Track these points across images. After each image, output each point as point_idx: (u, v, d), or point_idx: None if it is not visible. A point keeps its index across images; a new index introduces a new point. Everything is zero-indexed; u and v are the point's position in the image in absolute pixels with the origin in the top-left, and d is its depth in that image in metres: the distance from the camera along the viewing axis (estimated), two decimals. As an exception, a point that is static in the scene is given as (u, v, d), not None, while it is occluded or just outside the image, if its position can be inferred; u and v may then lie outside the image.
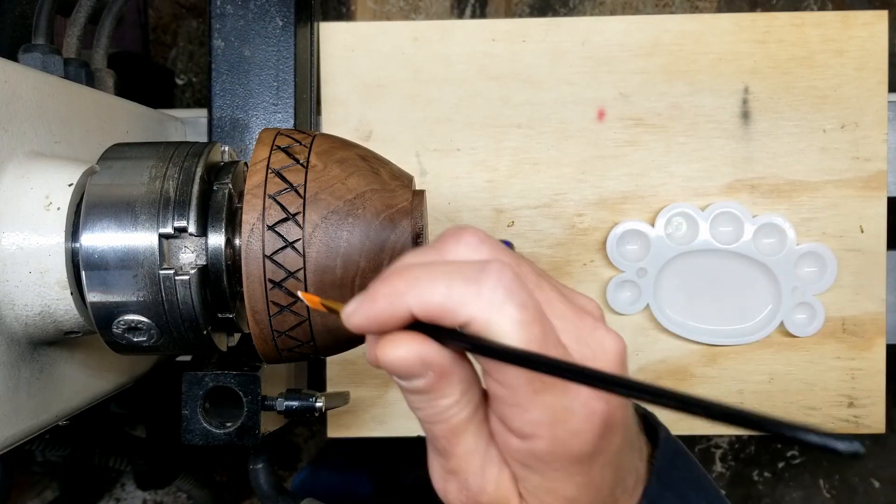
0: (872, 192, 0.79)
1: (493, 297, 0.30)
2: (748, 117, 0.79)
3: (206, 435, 0.63)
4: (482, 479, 0.34)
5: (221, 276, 0.47)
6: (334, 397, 0.72)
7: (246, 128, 0.73)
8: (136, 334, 0.47)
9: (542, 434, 0.32)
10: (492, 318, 0.30)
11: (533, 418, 0.32)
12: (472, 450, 0.34)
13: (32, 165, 0.49)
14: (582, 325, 0.34)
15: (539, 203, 0.80)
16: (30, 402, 0.50)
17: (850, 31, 0.78)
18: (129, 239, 0.46)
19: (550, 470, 0.33)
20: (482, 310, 0.30)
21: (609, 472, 0.35)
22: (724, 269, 0.78)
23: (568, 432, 0.32)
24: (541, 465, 0.33)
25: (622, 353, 0.34)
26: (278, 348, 0.46)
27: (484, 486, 0.34)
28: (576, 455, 0.33)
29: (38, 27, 0.65)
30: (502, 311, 0.30)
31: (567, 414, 0.32)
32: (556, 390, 0.31)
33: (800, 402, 0.80)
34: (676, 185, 0.79)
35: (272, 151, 0.45)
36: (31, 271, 0.47)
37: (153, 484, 1.12)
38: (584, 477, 0.33)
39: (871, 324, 0.80)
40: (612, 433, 0.34)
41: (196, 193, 0.47)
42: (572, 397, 0.32)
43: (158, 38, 1.37)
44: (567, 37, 0.79)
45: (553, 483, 0.34)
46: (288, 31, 0.73)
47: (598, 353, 0.33)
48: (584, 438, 0.32)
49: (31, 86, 0.51)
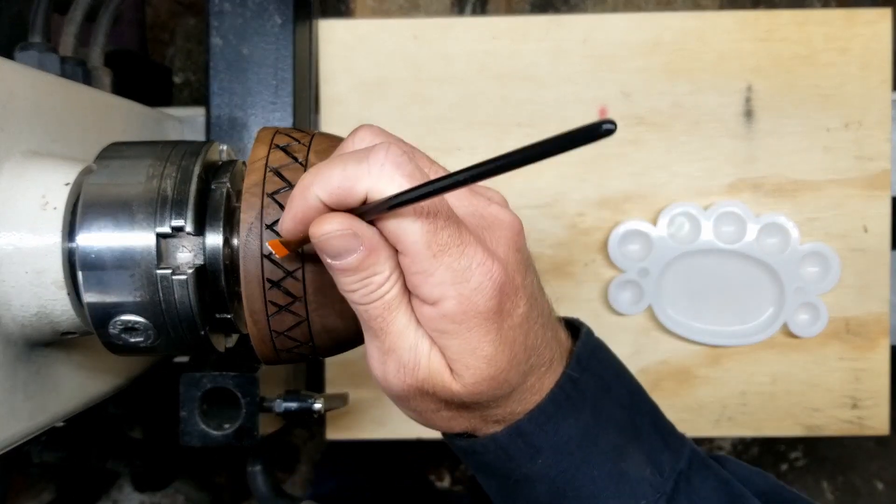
0: (876, 192, 0.78)
1: (382, 170, 0.34)
2: (751, 116, 0.78)
3: (203, 436, 0.62)
4: (416, 355, 0.38)
5: (219, 276, 0.47)
6: (333, 398, 0.72)
7: (244, 126, 0.72)
8: (133, 335, 0.47)
9: (448, 294, 0.36)
10: (384, 188, 0.34)
11: (437, 280, 0.35)
12: (405, 327, 0.38)
13: (29, 165, 0.48)
14: (477, 202, 0.38)
15: (540, 202, 0.79)
16: (26, 403, 0.50)
17: (854, 29, 0.78)
18: (125, 238, 0.45)
19: (465, 330, 0.37)
20: (374, 183, 0.34)
21: (520, 334, 0.38)
22: (726, 270, 0.78)
23: (470, 289, 0.36)
24: (455, 327, 0.37)
25: (516, 225, 0.38)
26: (276, 349, 0.45)
27: (418, 361, 0.38)
28: (482, 311, 0.36)
29: (35, 25, 0.64)
30: (392, 182, 0.33)
31: (467, 272, 0.35)
32: (453, 251, 0.35)
33: (803, 404, 0.80)
34: (679, 184, 0.79)
35: (270, 150, 0.45)
36: (28, 271, 0.46)
37: (151, 486, 1.11)
38: (495, 334, 0.37)
39: (875, 324, 0.79)
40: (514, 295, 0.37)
41: (194, 192, 0.46)
42: (469, 257, 0.35)
43: (156, 36, 1.36)
44: (568, 35, 0.79)
45: (470, 343, 0.37)
46: (287, 29, 0.72)
47: (493, 223, 0.37)
48: (487, 294, 0.36)
49: (27, 84, 0.50)
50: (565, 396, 0.42)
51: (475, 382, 0.38)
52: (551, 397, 0.42)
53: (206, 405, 0.63)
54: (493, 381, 0.38)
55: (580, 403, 0.43)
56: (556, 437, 0.42)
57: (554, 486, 0.43)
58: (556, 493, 0.43)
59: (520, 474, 0.43)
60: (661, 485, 0.44)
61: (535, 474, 0.43)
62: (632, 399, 0.46)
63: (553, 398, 0.42)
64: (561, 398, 0.42)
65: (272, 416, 0.66)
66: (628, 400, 0.45)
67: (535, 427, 0.42)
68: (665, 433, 0.46)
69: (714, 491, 0.45)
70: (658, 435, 0.46)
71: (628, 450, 0.44)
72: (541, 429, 0.42)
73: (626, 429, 0.44)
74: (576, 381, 0.43)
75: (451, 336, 0.37)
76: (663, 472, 0.44)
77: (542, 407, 0.42)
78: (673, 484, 0.44)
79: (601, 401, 0.44)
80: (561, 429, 0.42)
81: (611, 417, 0.44)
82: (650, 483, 0.44)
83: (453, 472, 1.42)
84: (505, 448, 0.42)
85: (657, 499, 0.43)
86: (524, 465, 0.43)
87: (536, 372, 0.41)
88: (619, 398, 0.45)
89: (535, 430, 0.42)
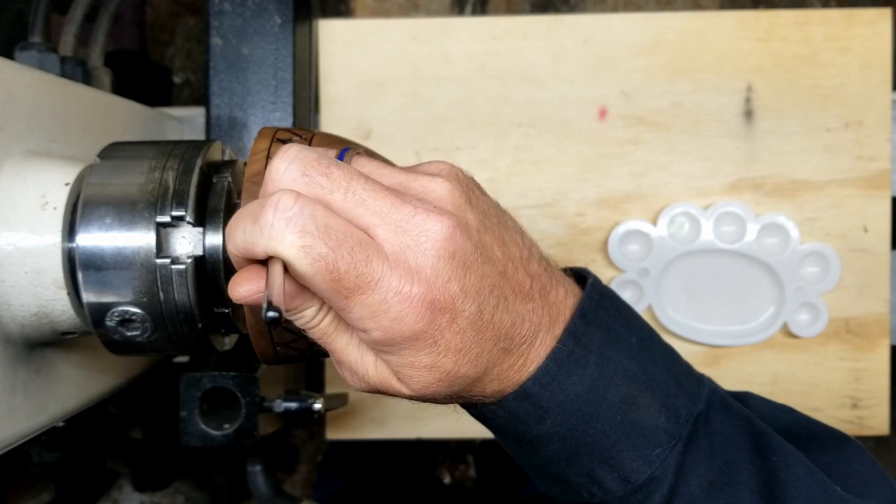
0: (876, 192, 0.78)
1: (273, 231, 0.34)
2: (751, 116, 0.78)
3: (203, 437, 0.62)
4: (363, 367, 0.40)
5: (218, 269, 0.47)
6: (333, 399, 0.72)
7: (244, 126, 0.72)
8: (130, 327, 0.47)
9: (370, 327, 0.37)
10: (277, 249, 0.35)
11: (356, 316, 0.37)
12: (347, 345, 0.40)
13: (28, 165, 0.48)
14: (399, 216, 0.37)
15: (540, 202, 0.79)
16: (26, 403, 0.50)
17: (854, 28, 0.78)
18: (125, 234, 0.45)
19: (398, 350, 0.38)
20: (267, 244, 0.35)
21: (470, 334, 0.39)
22: (726, 270, 0.78)
23: (391, 321, 0.36)
24: (388, 348, 0.38)
25: (444, 232, 0.37)
26: (274, 343, 0.45)
27: (366, 371, 0.40)
28: (409, 336, 0.37)
29: (35, 25, 0.64)
30: (284, 241, 0.34)
31: (384, 306, 0.36)
32: (364, 289, 0.36)
33: (803, 404, 0.80)
34: (679, 184, 0.79)
35: (272, 143, 0.45)
36: (28, 271, 0.47)
37: (151, 486, 1.11)
38: (432, 348, 0.38)
39: (875, 324, 0.79)
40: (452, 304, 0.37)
41: (195, 183, 0.46)
42: (384, 289, 0.36)
43: (156, 36, 1.36)
44: (568, 34, 0.79)
45: (407, 359, 0.38)
46: (286, 29, 0.72)
47: (419, 237, 0.37)
48: (410, 321, 0.37)
49: (27, 84, 0.50)
50: (567, 353, 0.42)
51: (422, 387, 0.40)
52: (553, 356, 0.42)
53: (206, 405, 0.63)
54: (441, 382, 0.40)
55: (585, 359, 0.43)
56: (562, 395, 0.42)
57: (566, 443, 0.43)
58: (569, 450, 0.44)
59: (531, 436, 0.44)
60: (677, 430, 0.44)
61: (545, 434, 0.43)
62: (642, 346, 0.46)
63: (555, 357, 0.42)
64: (563, 356, 0.42)
65: (272, 416, 0.66)
66: (638, 348, 0.45)
67: (539, 388, 0.42)
68: (680, 377, 0.46)
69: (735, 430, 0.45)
70: (672, 380, 0.45)
71: (640, 399, 0.44)
72: (545, 389, 0.42)
73: (636, 378, 0.44)
74: (579, 336, 0.43)
75: (387, 354, 0.39)
76: (679, 418, 0.44)
77: (545, 367, 0.42)
78: (690, 428, 0.44)
79: (608, 353, 0.43)
80: (566, 387, 0.42)
81: (619, 368, 0.43)
82: (664, 430, 0.44)
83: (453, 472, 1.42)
84: (513, 412, 0.43)
85: (673, 444, 0.43)
86: (534, 427, 0.43)
87: (515, 351, 0.42)
88: (628, 348, 0.45)
89: (540, 391, 0.42)
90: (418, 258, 0.37)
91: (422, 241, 0.37)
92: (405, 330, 0.37)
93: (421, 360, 0.38)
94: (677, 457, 0.43)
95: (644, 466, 0.43)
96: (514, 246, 0.42)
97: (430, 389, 0.40)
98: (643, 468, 0.43)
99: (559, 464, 0.45)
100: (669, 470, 0.43)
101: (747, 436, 0.45)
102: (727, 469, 0.44)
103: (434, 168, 0.41)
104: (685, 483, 0.43)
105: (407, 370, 0.39)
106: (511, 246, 0.42)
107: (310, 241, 0.34)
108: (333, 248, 0.35)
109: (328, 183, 0.36)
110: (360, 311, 0.36)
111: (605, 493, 0.44)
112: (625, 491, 0.44)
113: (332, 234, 0.35)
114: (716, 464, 0.44)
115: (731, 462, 0.44)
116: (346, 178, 0.37)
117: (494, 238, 0.41)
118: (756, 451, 0.44)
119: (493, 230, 0.41)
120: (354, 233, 0.36)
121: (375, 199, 0.37)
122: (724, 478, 0.44)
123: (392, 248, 0.36)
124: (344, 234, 0.35)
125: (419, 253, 0.37)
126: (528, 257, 0.43)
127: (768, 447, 0.45)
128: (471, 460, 1.37)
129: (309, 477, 1.43)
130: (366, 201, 0.37)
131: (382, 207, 0.37)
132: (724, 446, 0.44)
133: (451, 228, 0.37)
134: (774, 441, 0.45)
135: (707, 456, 0.44)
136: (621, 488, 0.44)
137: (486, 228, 0.40)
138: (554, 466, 0.45)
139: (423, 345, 0.38)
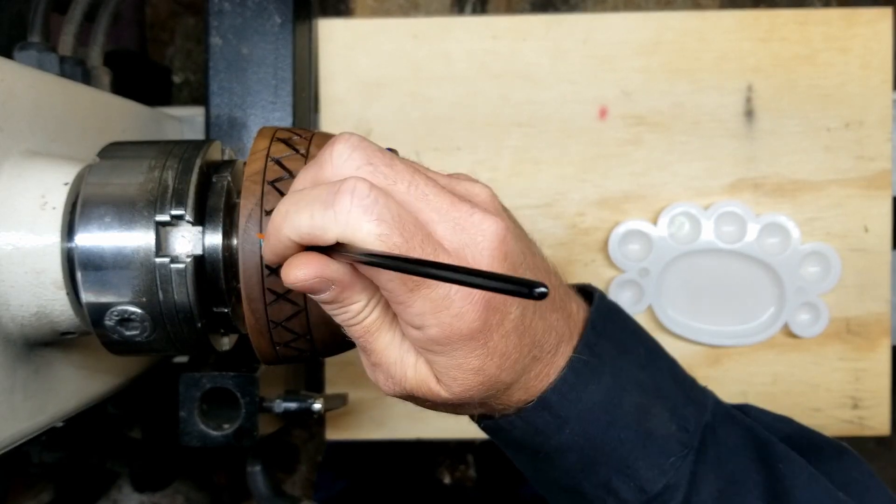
0: (877, 192, 0.78)
1: (349, 217, 0.34)
2: (751, 116, 0.78)
3: (203, 437, 0.62)
4: (402, 368, 0.40)
5: (218, 268, 0.47)
6: (333, 399, 0.72)
7: (244, 126, 0.72)
8: (129, 326, 0.47)
9: (429, 323, 0.36)
10: (353, 236, 0.34)
11: (417, 311, 0.36)
12: (388, 344, 0.40)
13: (28, 164, 0.48)
14: (458, 213, 0.37)
15: (540, 202, 0.79)
16: (26, 403, 0.50)
17: (854, 28, 0.78)
18: (124, 234, 0.45)
19: (450, 350, 0.37)
20: (343, 230, 0.34)
21: (514, 337, 0.39)
22: (727, 270, 0.78)
23: (452, 317, 0.36)
24: (441, 348, 0.37)
25: (499, 233, 0.37)
26: (274, 342, 0.45)
27: (405, 373, 0.40)
28: (466, 334, 0.37)
29: (34, 25, 0.64)
30: (360, 229, 0.34)
31: (446, 301, 0.36)
32: (431, 283, 0.35)
33: (804, 404, 0.80)
34: (679, 184, 0.79)
35: (272, 142, 0.45)
36: (27, 271, 0.46)
37: (150, 486, 1.11)
38: (483, 349, 0.38)
39: (876, 324, 0.79)
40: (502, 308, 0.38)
41: (195, 182, 0.46)
42: (448, 285, 0.35)
43: (156, 36, 1.36)
44: (568, 34, 0.79)
45: (457, 360, 0.38)
46: (286, 29, 0.72)
47: (476, 236, 0.37)
48: (469, 318, 0.36)
49: (26, 84, 0.50)
50: (584, 363, 0.43)
51: (463, 391, 0.39)
52: (570, 366, 0.42)
53: (206, 405, 0.63)
54: (482, 385, 0.39)
55: (599, 368, 0.43)
56: (581, 404, 0.42)
57: (583, 454, 0.43)
58: (587, 460, 0.44)
59: (549, 447, 0.44)
60: (689, 440, 0.44)
61: (564, 445, 0.43)
62: (650, 357, 0.46)
63: (572, 367, 0.42)
64: (580, 366, 0.43)
65: (272, 417, 0.65)
66: (646, 359, 0.46)
67: (559, 397, 0.42)
68: (686, 388, 0.47)
69: (740, 440, 0.46)
70: (680, 390, 0.46)
71: (652, 409, 0.44)
72: (565, 398, 0.42)
73: (647, 388, 0.44)
74: (592, 347, 0.43)
75: (437, 354, 0.38)
76: (689, 427, 0.44)
77: (563, 377, 0.42)
78: (700, 437, 0.44)
79: (620, 363, 0.44)
80: (584, 395, 0.43)
81: (631, 378, 0.44)
82: (677, 439, 0.44)
83: (453, 472, 1.42)
84: (532, 422, 0.43)
85: (686, 454, 0.44)
86: (553, 437, 0.43)
87: (542, 360, 0.42)
88: (637, 358, 0.45)
89: (560, 400, 0.42)
90: (475, 256, 0.37)
91: (479, 241, 0.37)
92: (464, 327, 0.37)
93: (470, 363, 0.38)
94: (690, 466, 0.44)
95: (659, 476, 0.44)
96: (538, 256, 0.43)
97: (469, 393, 0.39)
98: (658, 477, 0.44)
99: (576, 475, 0.45)
100: (683, 479, 0.44)
101: (752, 445, 0.46)
102: (735, 478, 0.44)
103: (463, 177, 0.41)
104: (697, 492, 0.44)
105: (453, 372, 0.39)
106: (536, 256, 0.43)
107: (386, 229, 0.34)
108: (407, 239, 0.34)
109: (392, 174, 0.36)
110: (423, 306, 0.36)
111: None
112: (641, 501, 0.44)
113: (405, 224, 0.35)
114: (724, 473, 0.44)
115: (738, 471, 0.44)
116: (410, 171, 0.37)
117: (525, 246, 0.41)
118: (761, 459, 0.45)
119: (522, 238, 0.42)
120: (422, 226, 0.36)
121: (437, 195, 0.37)
122: (732, 486, 0.44)
123: (452, 244, 0.36)
124: (414, 227, 0.35)
125: (476, 251, 0.37)
126: (548, 269, 0.44)
127: (773, 455, 0.45)
128: (471, 460, 1.37)
129: (309, 477, 1.43)
130: (427, 196, 0.37)
131: (442, 204, 0.37)
132: (730, 455, 0.45)
133: (504, 230, 0.37)
134: (779, 449, 0.45)
135: (716, 465, 0.44)
136: (637, 498, 0.44)
137: (518, 237, 0.41)
138: (570, 479, 0.45)
139: (475, 345, 0.38)
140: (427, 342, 0.38)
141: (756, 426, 0.47)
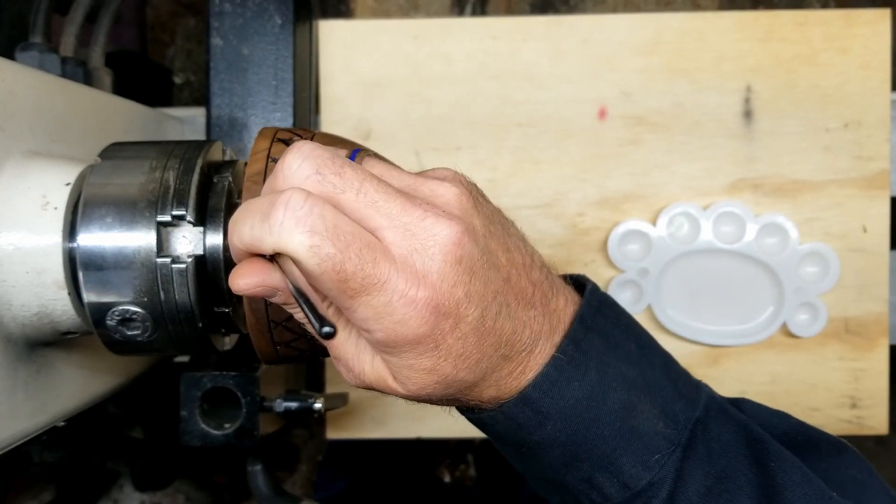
0: (876, 192, 0.78)
1: (282, 229, 0.35)
2: (751, 116, 0.78)
3: (204, 436, 0.62)
4: (360, 364, 0.41)
5: (219, 268, 0.47)
6: (333, 398, 0.72)
7: (244, 127, 0.72)
8: (130, 326, 0.47)
9: (374, 328, 0.37)
10: (286, 247, 0.35)
11: (360, 317, 0.37)
12: (345, 341, 0.41)
13: (29, 165, 0.48)
14: (409, 218, 0.37)
15: (540, 202, 0.80)
16: (27, 403, 0.50)
17: (853, 29, 0.78)
18: (126, 234, 0.46)
19: (399, 352, 0.38)
20: (276, 242, 0.35)
21: (472, 339, 0.39)
22: (726, 270, 0.78)
23: (395, 323, 0.37)
24: (390, 350, 0.38)
25: (452, 237, 0.37)
26: (274, 342, 0.45)
27: (363, 369, 0.41)
28: (412, 339, 0.37)
29: (36, 26, 0.64)
30: (292, 240, 0.35)
31: (388, 308, 0.36)
32: (370, 290, 0.36)
33: (802, 404, 0.80)
34: (678, 184, 0.79)
35: (273, 143, 0.45)
36: (28, 271, 0.47)
37: (151, 485, 1.11)
38: (434, 352, 0.38)
39: (875, 324, 0.79)
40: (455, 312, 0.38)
41: (196, 182, 0.47)
42: (390, 292, 0.36)
43: (156, 37, 1.36)
44: (568, 35, 0.79)
45: (408, 361, 0.39)
46: (287, 30, 0.73)
47: (427, 242, 0.37)
48: (414, 324, 0.37)
49: (28, 85, 0.50)
50: (568, 360, 0.42)
51: (418, 389, 0.40)
52: (553, 363, 0.42)
53: (207, 405, 0.63)
54: (437, 384, 0.40)
55: (585, 365, 0.43)
56: (563, 401, 0.42)
57: (565, 449, 0.43)
58: (569, 456, 0.44)
59: (531, 442, 0.44)
60: (676, 436, 0.44)
61: (546, 440, 0.43)
62: (641, 352, 0.46)
63: (556, 363, 0.42)
64: (563, 362, 0.42)
65: (272, 416, 0.66)
66: (637, 354, 0.45)
67: (540, 394, 0.42)
68: (679, 383, 0.46)
69: (732, 436, 0.45)
70: (671, 386, 0.45)
71: (639, 405, 0.44)
72: (546, 395, 0.42)
73: (635, 384, 0.44)
74: (579, 342, 0.43)
75: (388, 355, 0.39)
76: (678, 424, 0.44)
77: (545, 373, 0.42)
78: (689, 434, 0.44)
79: (607, 358, 0.44)
80: (567, 392, 0.42)
81: (618, 374, 0.44)
82: (663, 436, 0.44)
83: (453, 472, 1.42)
84: (513, 418, 0.43)
85: (672, 450, 0.43)
86: (535, 433, 0.43)
87: (515, 358, 0.42)
88: (627, 354, 0.45)
89: (541, 396, 0.42)
90: (425, 262, 0.37)
91: (429, 246, 0.37)
92: (408, 333, 0.37)
93: (421, 363, 0.39)
94: (676, 462, 0.43)
95: (643, 472, 0.43)
96: (518, 253, 0.42)
97: (425, 391, 0.40)
98: (642, 474, 0.43)
99: (559, 470, 0.45)
100: (668, 475, 0.43)
101: (745, 442, 0.45)
102: (725, 475, 0.44)
103: (440, 174, 0.41)
104: (684, 489, 0.43)
105: (405, 371, 0.39)
106: (515, 253, 0.42)
107: (318, 240, 0.34)
108: (341, 249, 0.35)
109: (340, 183, 0.37)
110: (365, 312, 0.36)
111: (604, 499, 0.44)
112: (624, 497, 0.44)
113: (340, 234, 0.35)
114: (714, 469, 0.44)
115: (728, 468, 0.44)
116: (359, 178, 0.37)
117: (499, 244, 0.41)
118: (754, 456, 0.45)
119: (498, 236, 0.41)
120: (363, 234, 0.36)
121: (386, 201, 0.37)
122: (722, 483, 0.44)
123: (400, 251, 0.37)
124: (352, 236, 0.35)
125: (426, 257, 0.37)
126: (531, 265, 0.43)
127: (766, 453, 0.45)
128: (471, 460, 1.37)
129: (309, 476, 1.43)
130: (377, 203, 0.37)
131: (392, 210, 0.37)
132: (721, 452, 0.44)
133: (459, 233, 0.37)
134: (772, 447, 0.45)
135: (705, 462, 0.44)
136: (620, 494, 0.44)
137: (491, 234, 0.40)
138: (553, 473, 0.45)
139: (424, 348, 0.38)
140: (376, 344, 0.38)
141: (750, 422, 0.47)
